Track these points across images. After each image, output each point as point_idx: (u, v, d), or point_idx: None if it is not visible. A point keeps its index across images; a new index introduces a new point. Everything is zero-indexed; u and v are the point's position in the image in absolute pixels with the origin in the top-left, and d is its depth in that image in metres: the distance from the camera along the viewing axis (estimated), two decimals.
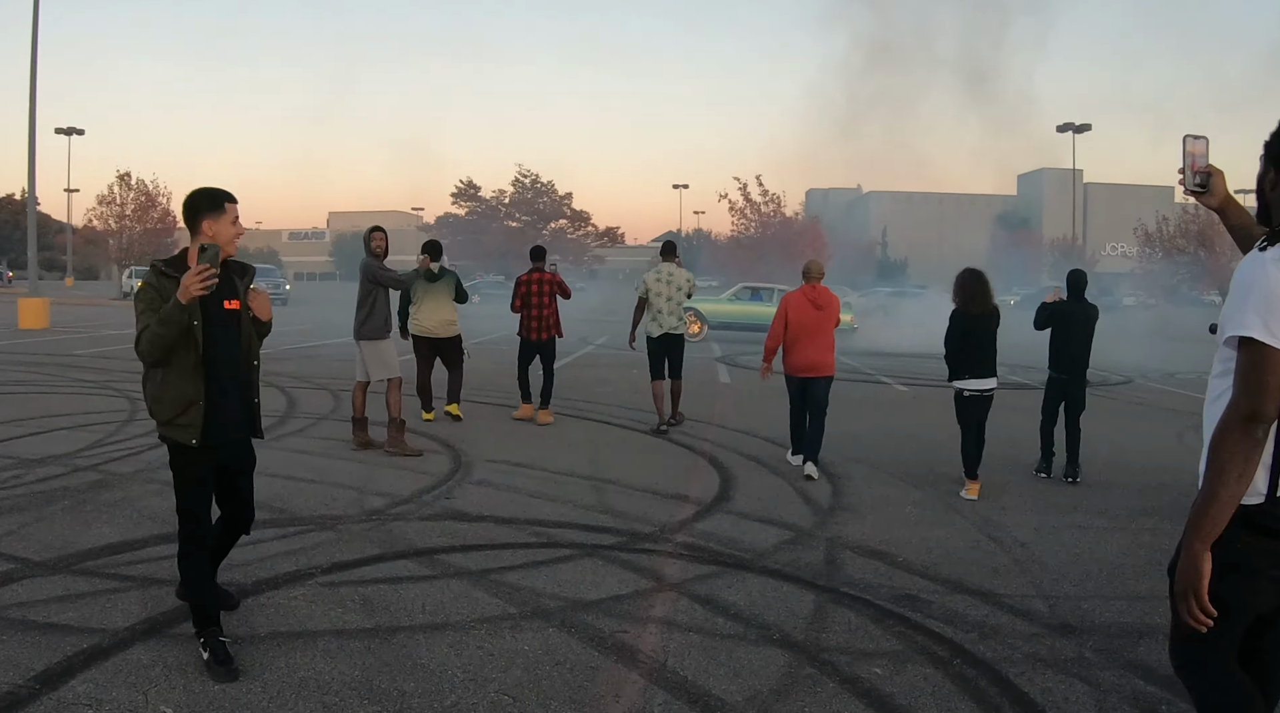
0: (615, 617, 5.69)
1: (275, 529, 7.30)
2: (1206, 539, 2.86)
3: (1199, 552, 2.87)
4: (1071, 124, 65.88)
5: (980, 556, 7.30)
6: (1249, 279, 2.88)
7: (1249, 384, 2.82)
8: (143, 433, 11.08)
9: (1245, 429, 2.82)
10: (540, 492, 8.85)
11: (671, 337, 12.79)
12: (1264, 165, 3.14)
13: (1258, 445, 2.83)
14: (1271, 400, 2.80)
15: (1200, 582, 2.86)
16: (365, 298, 10.77)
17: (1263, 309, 2.81)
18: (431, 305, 12.90)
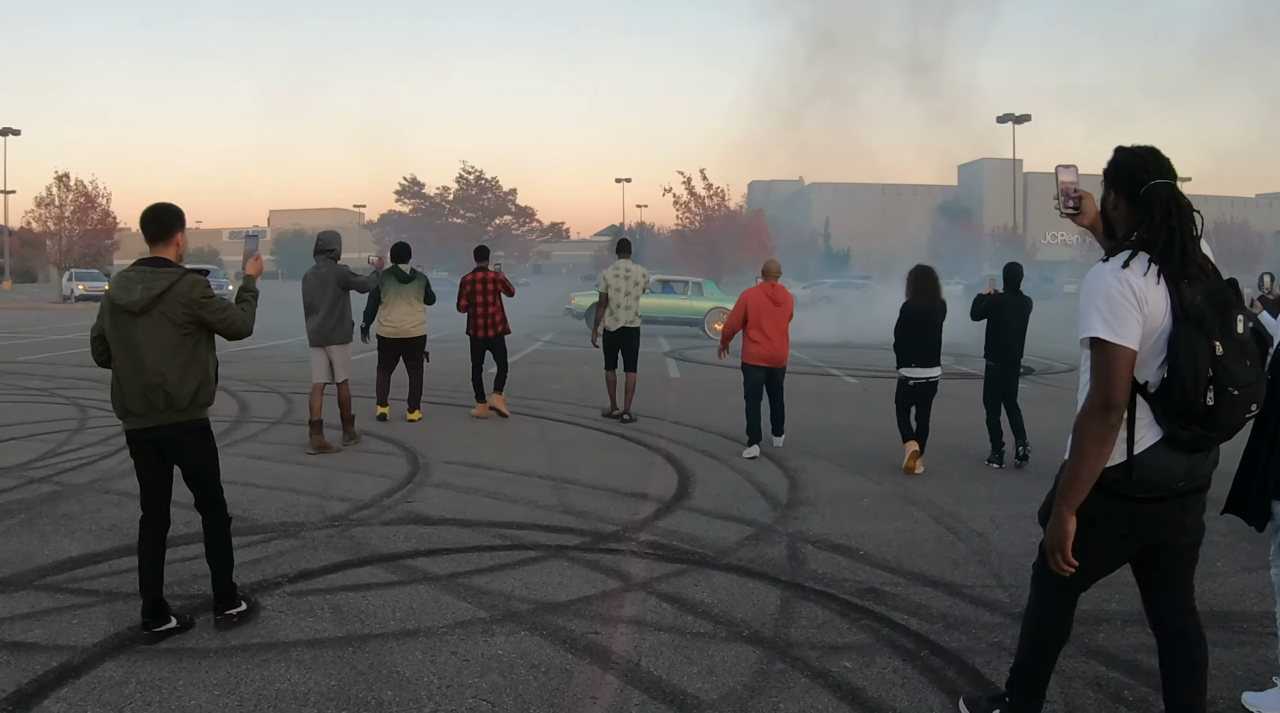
0: (586, 618, 5.72)
1: (238, 538, 7.17)
2: (1072, 506, 3.56)
3: (1066, 516, 3.57)
4: (1011, 115, 66.59)
5: (939, 547, 7.39)
6: (1092, 287, 3.54)
7: (1101, 377, 3.45)
8: (95, 441, 11.00)
9: (1101, 416, 3.45)
10: (500, 493, 8.86)
11: (628, 330, 13.24)
12: (1104, 189, 3.79)
13: (1112, 430, 3.47)
14: (1120, 390, 3.43)
15: (1066, 541, 3.58)
16: (335, 303, 11.04)
17: (1105, 312, 3.46)
18: (404, 306, 13.00)
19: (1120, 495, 3.59)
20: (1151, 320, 3.45)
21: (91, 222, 64.17)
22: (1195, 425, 3.46)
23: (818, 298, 46.30)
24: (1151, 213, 3.56)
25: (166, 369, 5.36)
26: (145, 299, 5.30)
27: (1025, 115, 66.87)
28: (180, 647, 5.21)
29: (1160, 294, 3.45)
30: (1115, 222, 3.75)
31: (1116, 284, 3.46)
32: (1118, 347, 3.42)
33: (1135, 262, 3.49)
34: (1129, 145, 3.76)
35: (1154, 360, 3.50)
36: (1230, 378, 3.40)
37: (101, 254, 69.24)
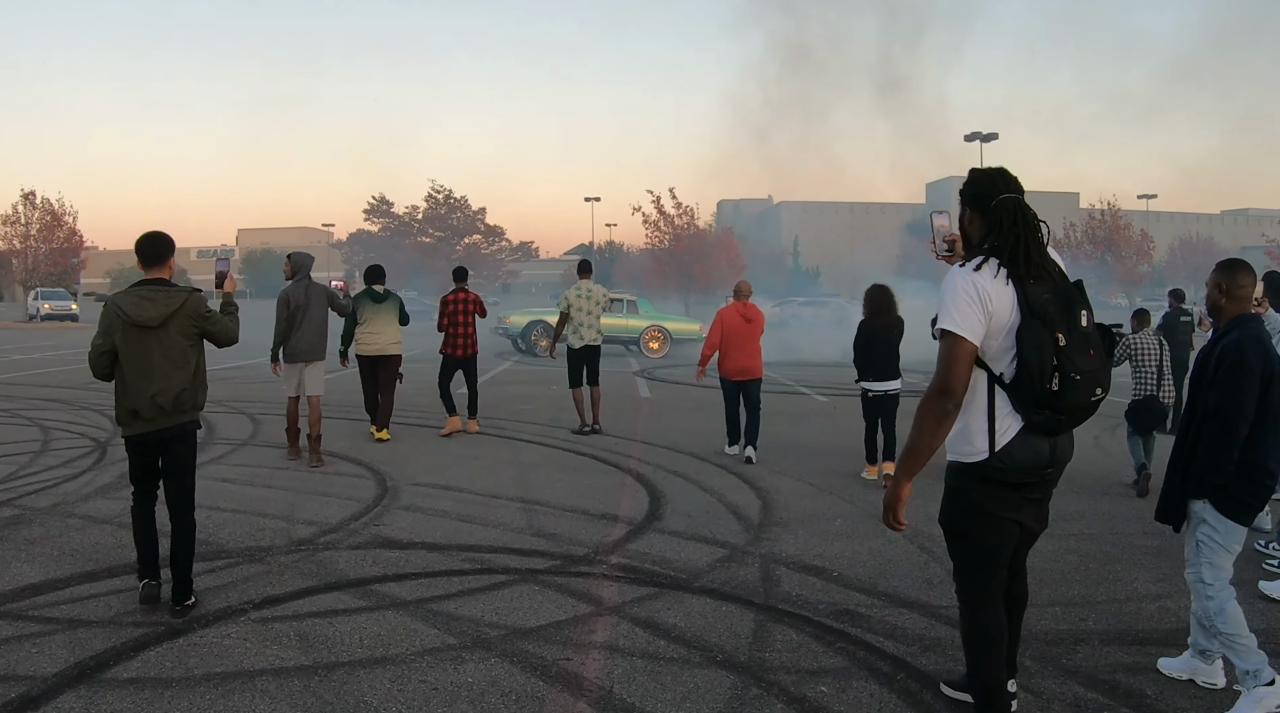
0: (557, 644, 5.63)
1: (203, 563, 7.14)
2: (909, 475, 4.10)
3: (903, 484, 4.10)
4: (979, 133, 66.66)
5: (913, 567, 7.34)
6: (945, 287, 4.00)
7: (943, 366, 3.92)
8: (58, 464, 10.86)
9: (938, 400, 3.92)
10: (469, 515, 8.76)
11: (590, 348, 13.93)
12: (962, 208, 4.28)
13: (948, 414, 3.95)
14: (958, 377, 3.90)
15: (898, 503, 4.11)
16: (321, 322, 11.55)
17: (951, 308, 3.93)
18: (380, 325, 13.19)
19: (1005, 483, 4.07)
20: (999, 317, 3.92)
21: (58, 240, 63.61)
22: (1045, 410, 3.92)
23: (787, 316, 46.36)
24: (1000, 223, 4.04)
25: (177, 377, 6.13)
26: (163, 316, 6.07)
27: (993, 134, 67.05)
28: (142, 677, 5.09)
29: (1008, 293, 3.93)
30: (971, 234, 4.24)
31: (965, 284, 3.95)
32: (959, 338, 3.90)
33: (986, 266, 3.97)
34: (981, 167, 4.32)
35: (1006, 354, 3.96)
36: (1073, 365, 3.86)
37: (68, 273, 68.74)
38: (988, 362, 4.01)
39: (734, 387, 12.31)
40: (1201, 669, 5.28)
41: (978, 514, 4.15)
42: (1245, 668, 4.90)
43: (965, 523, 4.23)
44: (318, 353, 11.52)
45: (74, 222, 64.65)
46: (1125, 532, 8.35)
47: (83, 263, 71.49)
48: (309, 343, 11.43)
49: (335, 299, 11.73)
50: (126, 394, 6.12)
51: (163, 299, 6.13)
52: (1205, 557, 5.12)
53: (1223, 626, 4.99)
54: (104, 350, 6.14)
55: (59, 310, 57.47)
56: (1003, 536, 4.20)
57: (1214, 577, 5.10)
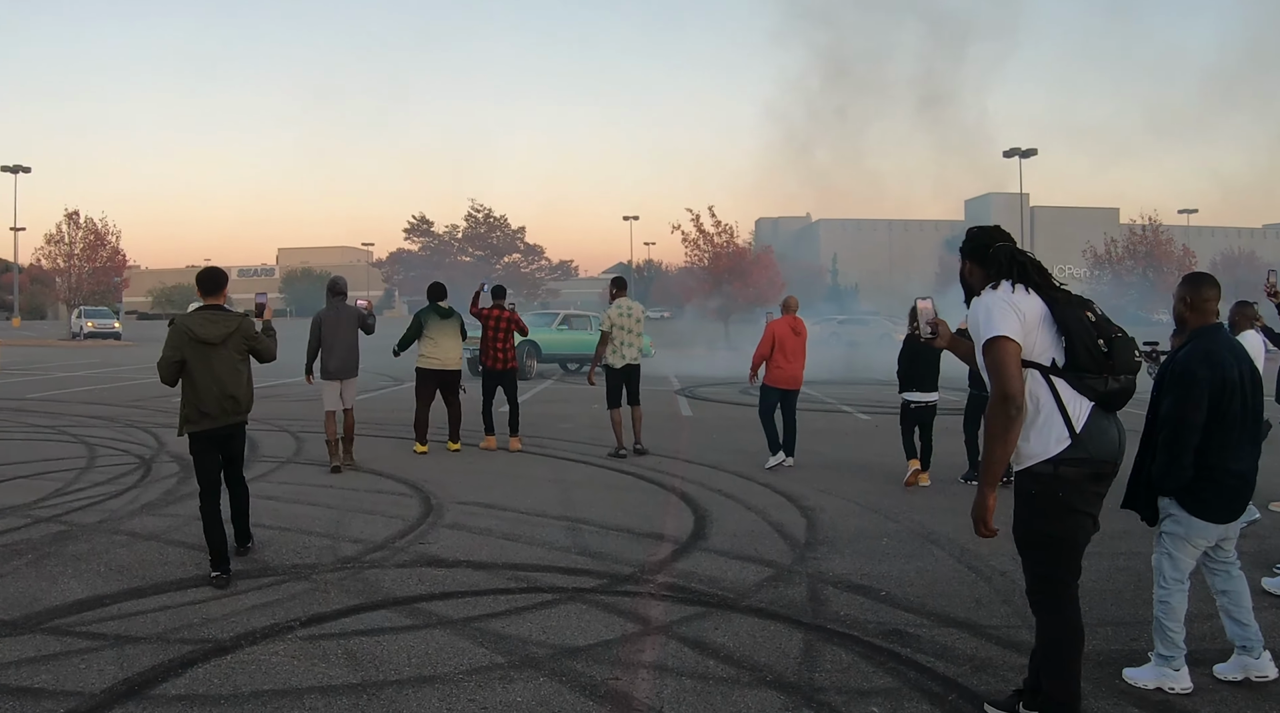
0: (606, 663, 5.59)
1: (249, 580, 7.16)
2: (992, 485, 4.28)
3: (988, 494, 4.28)
4: (1018, 149, 66.44)
5: (962, 587, 7.26)
6: (974, 311, 4.43)
7: (996, 374, 4.21)
8: (103, 480, 10.94)
9: (1002, 407, 4.17)
10: (514, 534, 8.74)
11: (631, 367, 13.68)
12: (962, 262, 4.72)
13: (1013, 421, 4.17)
14: (1013, 381, 4.17)
15: (986, 514, 4.28)
16: (353, 342, 12.38)
17: (985, 320, 4.29)
18: (448, 341, 13.75)
19: (1088, 474, 4.31)
20: (1031, 316, 4.29)
21: (101, 259, 64.25)
22: (1103, 372, 4.25)
23: (826, 335, 46.23)
24: (999, 262, 4.45)
25: (236, 384, 7.54)
26: (223, 335, 7.46)
27: (1032, 150, 66.78)
28: (191, 693, 5.09)
29: (1031, 297, 4.34)
30: (973, 283, 4.62)
31: (991, 299, 4.35)
32: (1004, 339, 4.22)
33: (1002, 284, 4.39)
34: (978, 226, 4.78)
35: (1052, 342, 4.31)
36: (1109, 329, 4.30)
37: (110, 291, 69.39)
38: (1036, 358, 4.31)
39: (777, 396, 12.80)
40: (1251, 665, 5.45)
41: (1065, 512, 4.34)
42: (1164, 653, 5.38)
43: (1051, 525, 4.38)
44: (350, 371, 12.32)
45: (117, 241, 65.35)
46: None
47: (125, 282, 72.24)
48: (341, 361, 12.25)
49: (364, 321, 12.50)
50: (198, 397, 7.41)
51: (222, 321, 7.50)
52: (1166, 547, 5.49)
53: (1163, 616, 5.42)
54: (174, 361, 7.37)
55: (102, 329, 57.92)
56: (1085, 533, 4.46)
57: (1171, 568, 5.45)
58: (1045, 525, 4.38)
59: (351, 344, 12.35)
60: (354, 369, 12.40)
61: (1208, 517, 5.33)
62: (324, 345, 12.28)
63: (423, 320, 13.73)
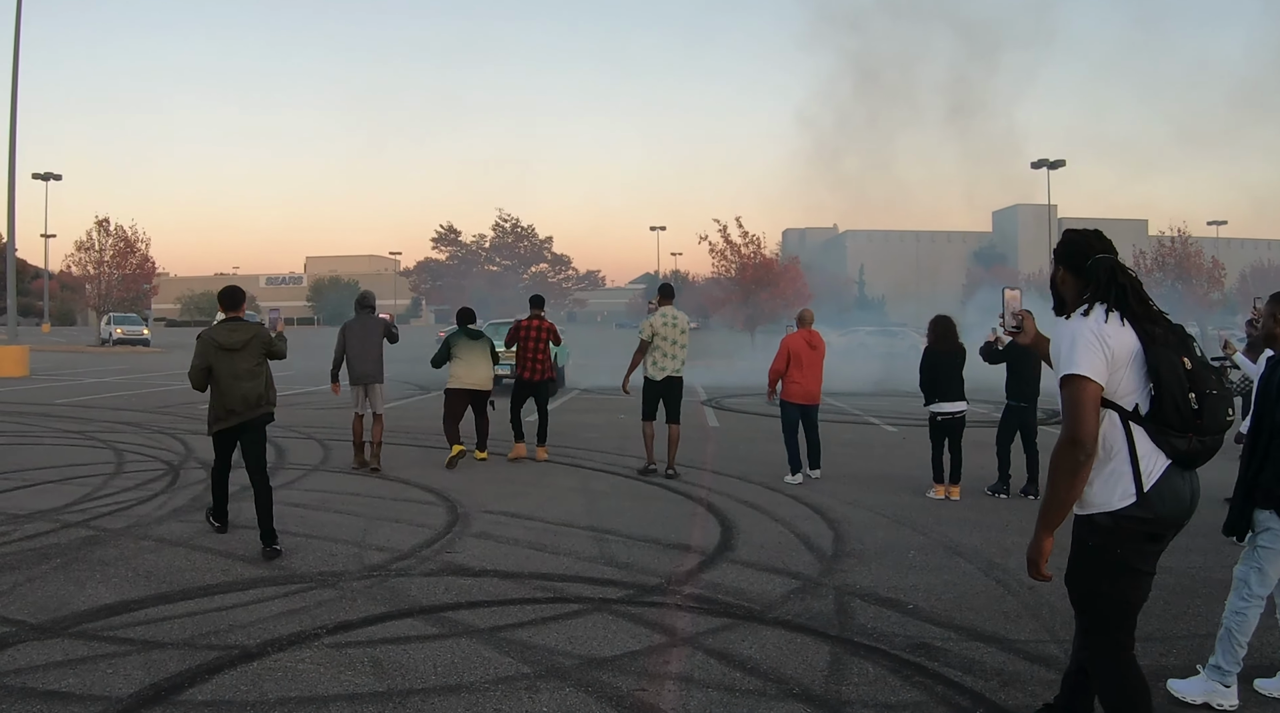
0: (632, 674, 5.58)
1: (276, 588, 7.17)
2: (1049, 529, 3.94)
3: (1044, 537, 3.97)
4: (1046, 160, 66.36)
5: (990, 601, 7.22)
6: (1058, 336, 3.99)
7: (1070, 414, 3.81)
8: (132, 486, 11.00)
9: (1069, 451, 3.79)
10: (541, 543, 8.74)
11: (673, 380, 12.79)
12: (1054, 268, 4.25)
13: (1081, 465, 3.79)
14: (1087, 425, 3.78)
15: (1041, 558, 3.98)
16: (379, 351, 12.97)
17: (1069, 353, 3.86)
18: (476, 361, 13.87)
19: (1151, 535, 3.92)
20: (1120, 353, 3.85)
21: (130, 266, 64.50)
22: (1188, 431, 3.82)
23: (854, 346, 46.11)
24: (1098, 278, 4.00)
25: (256, 382, 8.74)
26: (244, 341, 8.72)
27: (1060, 161, 66.61)
28: (217, 699, 5.10)
29: (1125, 331, 3.88)
30: (1065, 294, 4.19)
31: (1080, 328, 3.90)
32: (1083, 380, 3.80)
33: (1095, 310, 3.94)
34: (1076, 229, 4.26)
35: (1138, 386, 3.87)
36: (1204, 382, 3.82)
37: (140, 298, 69.71)
38: (1118, 400, 3.88)
39: (797, 412, 12.64)
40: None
41: (1122, 572, 3.96)
42: (1222, 666, 5.33)
43: (1106, 582, 3.99)
44: (375, 376, 12.94)
45: (146, 248, 65.63)
46: (1202, 566, 8.14)
47: (155, 289, 72.56)
48: (365, 367, 12.88)
49: (390, 330, 13.20)
50: (223, 396, 8.63)
51: (242, 330, 8.78)
52: (1258, 561, 5.44)
53: (1235, 628, 5.39)
54: (202, 368, 8.66)
55: (131, 335, 58.19)
56: (1141, 594, 4.03)
57: (1259, 582, 5.42)
58: (1098, 582, 4.01)
59: (377, 352, 12.91)
60: (379, 375, 12.98)
61: None
62: (350, 353, 12.86)
63: (451, 343, 13.98)
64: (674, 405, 12.90)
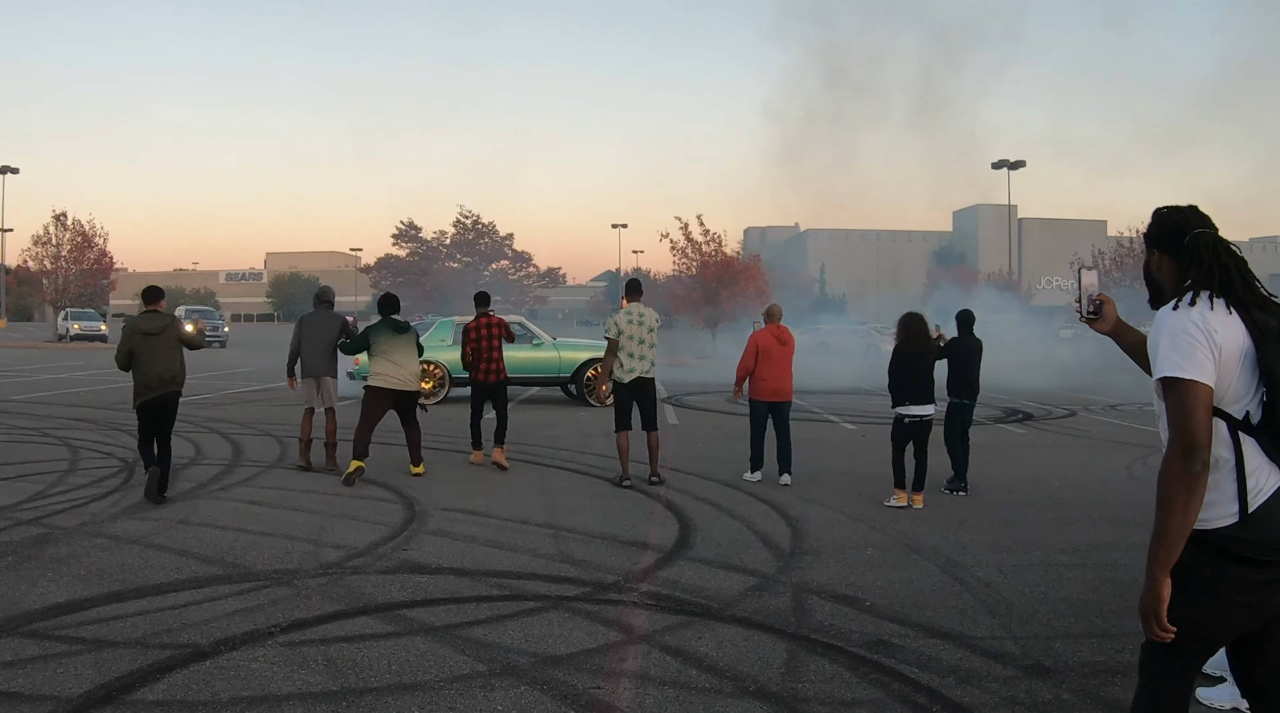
0: (588, 672, 5.56)
1: (230, 585, 7.11)
2: (1165, 567, 3.19)
3: (1160, 579, 3.20)
4: (1006, 161, 66.72)
5: (946, 597, 7.24)
6: (1158, 329, 3.33)
7: (1178, 420, 3.17)
8: (86, 483, 10.91)
9: (1184, 462, 3.13)
10: (498, 541, 8.70)
11: (644, 381, 12.01)
12: (1148, 252, 3.64)
13: (1198, 477, 3.13)
14: (1201, 430, 3.14)
15: (1160, 605, 3.21)
16: (332, 345, 12.80)
17: (1170, 350, 3.23)
18: (403, 357, 12.23)
19: (1245, 560, 3.23)
20: (1229, 350, 3.24)
21: (88, 261, 64.04)
22: None
23: (814, 344, 46.21)
24: (1200, 257, 3.40)
25: (170, 364, 10.52)
26: (160, 328, 10.49)
27: (1020, 161, 67.00)
28: (169, 699, 5.04)
29: (1233, 322, 3.27)
30: (1162, 281, 3.58)
31: (1183, 322, 3.26)
32: (1190, 382, 3.18)
33: (1199, 298, 3.31)
34: (1169, 205, 3.61)
35: (1248, 388, 3.26)
36: None
37: (98, 294, 69.13)
38: (1226, 407, 3.27)
39: (765, 409, 12.40)
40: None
41: (1206, 597, 3.27)
42: None
43: (1188, 607, 3.27)
44: (325, 370, 12.79)
45: (104, 243, 65.13)
46: None
47: (113, 284, 72.00)
48: (317, 359, 12.74)
49: (347, 329, 12.96)
50: (143, 375, 10.37)
51: (159, 320, 10.58)
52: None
53: None
54: (126, 351, 10.47)
55: (88, 331, 57.59)
56: (1228, 625, 3.35)
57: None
58: (1174, 600, 3.26)
59: (330, 347, 12.76)
60: (330, 369, 12.83)
61: None
62: (304, 346, 12.72)
63: (372, 336, 12.26)
64: (649, 411, 12.16)
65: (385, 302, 12.84)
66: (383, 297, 13.04)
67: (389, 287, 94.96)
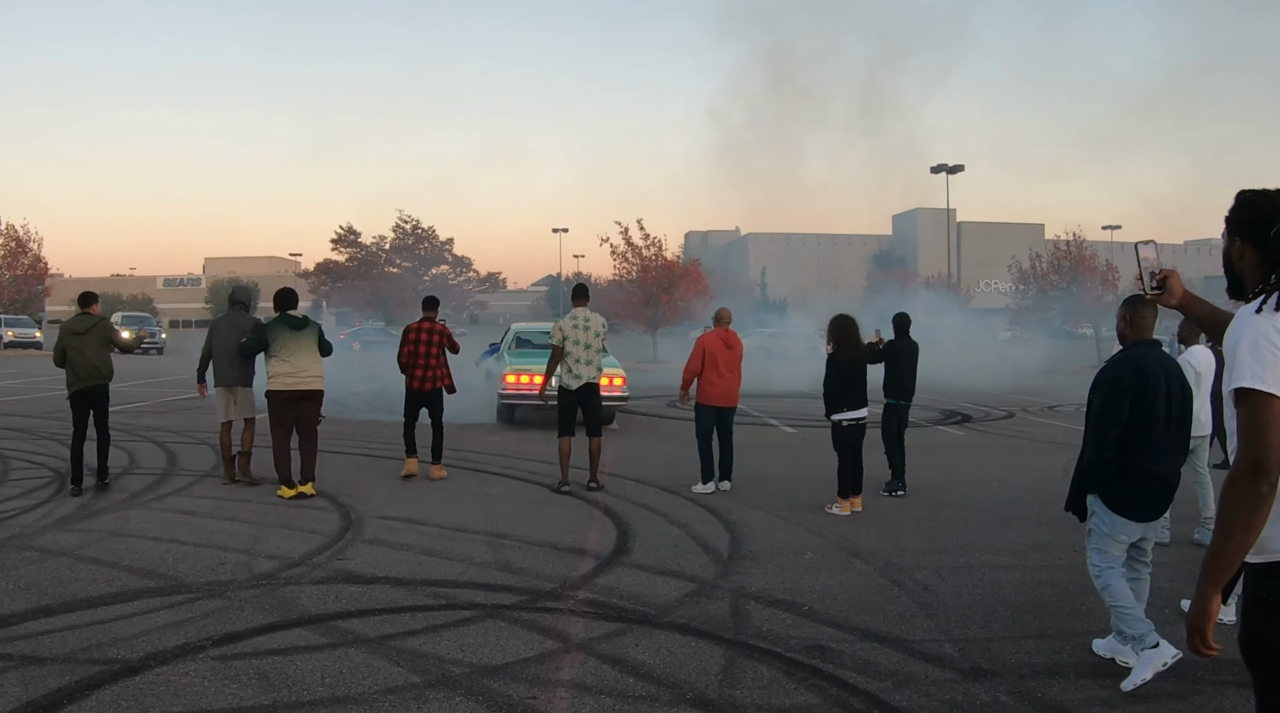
0: (524, 682, 5.51)
1: (161, 598, 7.00)
2: (1217, 584, 2.99)
3: (1210, 595, 3.00)
4: (945, 165, 67.14)
5: (884, 601, 7.27)
6: (1237, 335, 3.05)
7: (1250, 435, 2.94)
8: (16, 495, 10.73)
9: (1250, 481, 2.91)
10: (435, 549, 8.63)
11: (590, 387, 11.97)
12: (1228, 239, 3.31)
13: (1263, 499, 2.91)
14: (1272, 448, 2.90)
15: (1207, 622, 3.01)
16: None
17: (1250, 360, 2.96)
18: (300, 356, 11.58)
19: None
20: None
21: (22, 267, 62.93)
22: None
23: (754, 347, 46.37)
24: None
25: (99, 358, 11.59)
26: (88, 328, 11.54)
27: (959, 166, 67.43)
28: None
29: None
30: (1243, 272, 3.30)
31: (1263, 329, 3.01)
32: (1269, 396, 2.94)
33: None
34: (1256, 189, 3.32)
35: None
36: None
37: (32, 300, 68.03)
38: None
39: (713, 415, 12.21)
40: (1118, 650, 6.03)
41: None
42: (1132, 634, 5.75)
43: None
44: (240, 378, 12.12)
45: (39, 248, 64.12)
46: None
47: (48, 291, 70.86)
48: (230, 367, 12.03)
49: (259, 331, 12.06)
50: (73, 368, 11.45)
51: (88, 321, 11.66)
52: (1094, 544, 6.14)
53: (1109, 599, 5.96)
54: (60, 349, 11.54)
55: (22, 338, 56.55)
56: None
57: (1100, 560, 6.08)
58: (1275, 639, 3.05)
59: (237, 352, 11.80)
60: (245, 378, 12.07)
61: (1128, 514, 5.99)
62: (216, 352, 12.01)
63: (269, 335, 11.64)
64: (593, 417, 12.13)
65: (280, 296, 12.15)
66: (278, 291, 12.38)
67: (328, 292, 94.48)
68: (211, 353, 12.10)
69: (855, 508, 10.73)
